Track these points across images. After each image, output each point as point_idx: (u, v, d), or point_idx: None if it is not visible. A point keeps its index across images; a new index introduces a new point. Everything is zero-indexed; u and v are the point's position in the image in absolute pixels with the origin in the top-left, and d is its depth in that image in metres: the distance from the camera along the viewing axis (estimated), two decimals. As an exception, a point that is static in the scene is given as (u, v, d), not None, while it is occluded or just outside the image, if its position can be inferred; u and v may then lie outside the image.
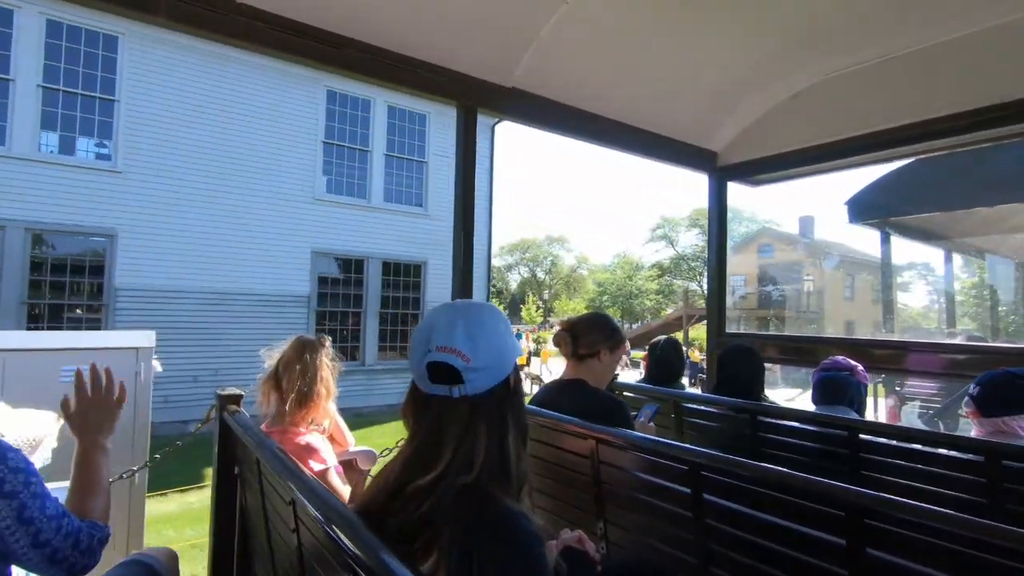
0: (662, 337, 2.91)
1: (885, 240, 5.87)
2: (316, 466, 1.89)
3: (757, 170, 3.25)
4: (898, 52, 2.55)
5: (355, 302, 11.74)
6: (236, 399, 1.74)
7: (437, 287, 12.66)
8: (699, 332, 33.67)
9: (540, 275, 55.59)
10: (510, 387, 0.99)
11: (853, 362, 2.20)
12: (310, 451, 1.91)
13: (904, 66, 2.56)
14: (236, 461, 1.70)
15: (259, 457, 1.30)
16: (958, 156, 3.44)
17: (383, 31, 2.06)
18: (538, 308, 47.07)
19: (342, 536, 0.81)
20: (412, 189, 12.76)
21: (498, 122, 12.97)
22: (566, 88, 2.57)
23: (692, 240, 46.08)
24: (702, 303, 32.94)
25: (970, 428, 1.89)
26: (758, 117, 3.16)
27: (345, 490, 1.99)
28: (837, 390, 2.14)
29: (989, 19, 2.26)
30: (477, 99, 2.34)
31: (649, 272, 48.51)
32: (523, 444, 0.99)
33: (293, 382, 1.95)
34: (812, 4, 2.27)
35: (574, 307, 46.24)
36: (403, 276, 12.44)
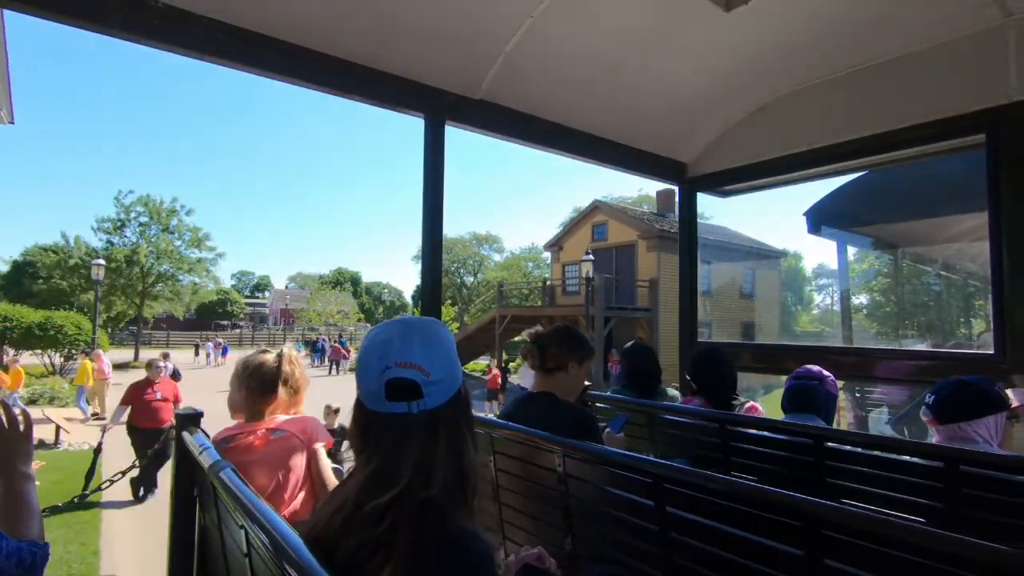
0: (632, 342, 2.89)
1: (842, 249, 6.00)
2: (324, 441, 2.01)
3: (726, 180, 3.30)
4: (862, 65, 2.62)
5: None
6: (196, 418, 1.69)
7: None
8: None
9: (467, 278, 47.55)
10: (462, 398, 0.98)
11: (825, 372, 2.23)
12: (321, 428, 2.04)
13: (867, 79, 2.63)
14: (194, 482, 1.65)
15: (213, 480, 1.26)
16: (913, 167, 3.55)
17: (351, 45, 2.05)
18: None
19: (289, 569, 0.79)
20: None
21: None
22: (535, 100, 2.58)
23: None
24: (536, 302, 25.67)
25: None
26: (727, 129, 3.22)
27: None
28: (806, 398, 2.18)
29: (946, 35, 2.34)
30: (446, 111, 2.33)
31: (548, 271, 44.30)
32: (476, 454, 0.99)
33: (292, 376, 2.06)
34: (778, 19, 2.32)
35: (454, 313, 39.75)
36: None
